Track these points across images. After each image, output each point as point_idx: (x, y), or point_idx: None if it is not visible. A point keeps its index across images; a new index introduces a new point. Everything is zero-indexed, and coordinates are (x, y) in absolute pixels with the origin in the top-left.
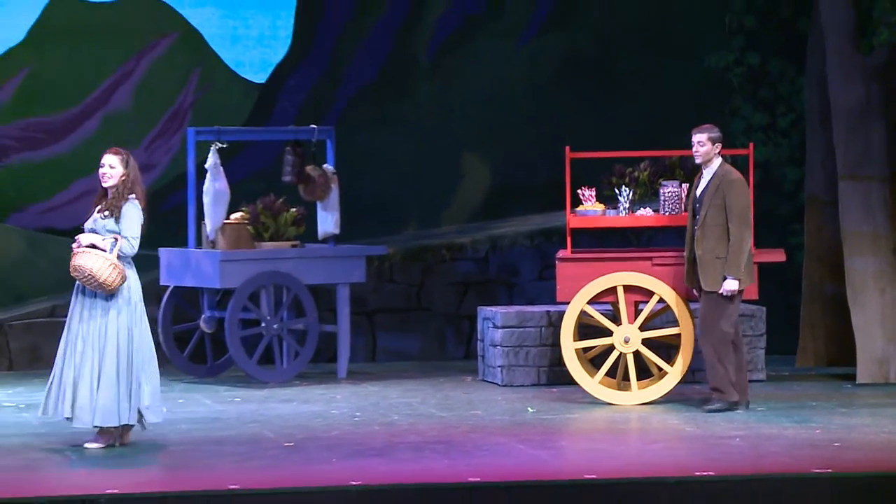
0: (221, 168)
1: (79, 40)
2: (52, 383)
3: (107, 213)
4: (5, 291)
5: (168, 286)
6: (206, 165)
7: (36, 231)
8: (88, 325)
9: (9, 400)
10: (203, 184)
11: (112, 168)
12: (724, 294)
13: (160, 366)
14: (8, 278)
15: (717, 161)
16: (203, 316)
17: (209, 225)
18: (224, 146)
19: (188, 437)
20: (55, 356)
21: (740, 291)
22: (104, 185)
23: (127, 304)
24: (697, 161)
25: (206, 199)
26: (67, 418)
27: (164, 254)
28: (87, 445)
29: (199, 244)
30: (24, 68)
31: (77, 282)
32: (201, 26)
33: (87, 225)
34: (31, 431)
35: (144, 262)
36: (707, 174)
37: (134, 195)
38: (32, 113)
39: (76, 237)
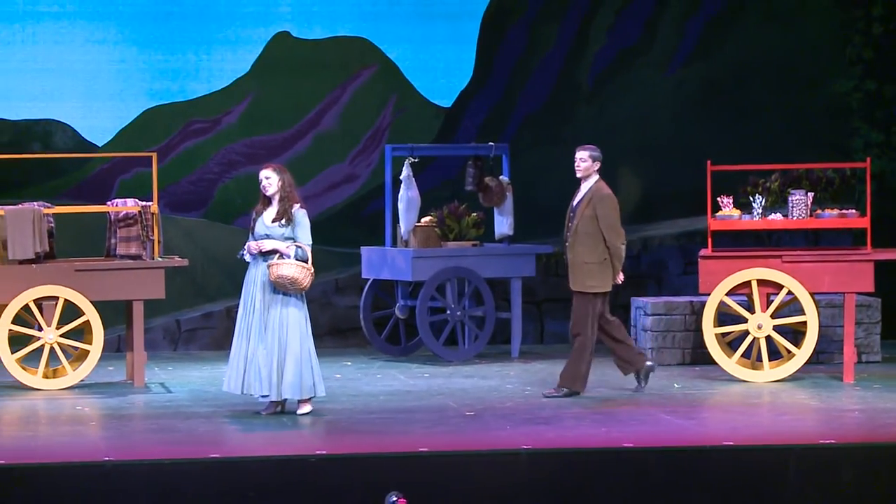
0: (413, 179)
1: (295, 72)
2: (243, 365)
3: (283, 221)
4: (233, 283)
5: (368, 279)
6: (401, 177)
7: None
8: (269, 315)
9: None
10: (398, 192)
11: (268, 178)
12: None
13: (362, 347)
14: (235, 272)
15: (595, 178)
16: (398, 304)
17: (403, 227)
18: (416, 160)
19: (385, 407)
20: (233, 340)
21: (599, 293)
22: (267, 193)
23: (301, 297)
24: (578, 175)
25: (400, 206)
26: (264, 395)
27: (365, 251)
28: (299, 412)
29: (394, 243)
30: (249, 95)
31: (248, 277)
32: (397, 59)
33: (259, 231)
34: (252, 401)
35: (348, 258)
36: (584, 188)
37: (297, 202)
38: (255, 133)
39: (256, 244)
